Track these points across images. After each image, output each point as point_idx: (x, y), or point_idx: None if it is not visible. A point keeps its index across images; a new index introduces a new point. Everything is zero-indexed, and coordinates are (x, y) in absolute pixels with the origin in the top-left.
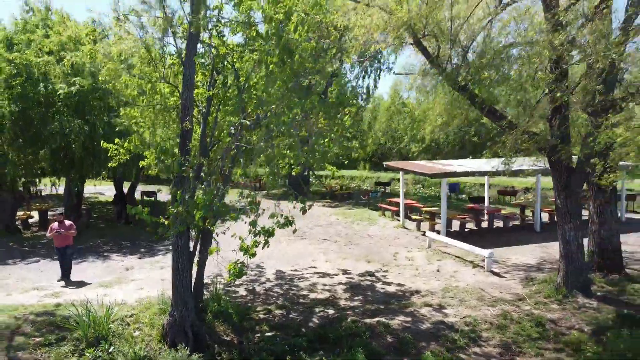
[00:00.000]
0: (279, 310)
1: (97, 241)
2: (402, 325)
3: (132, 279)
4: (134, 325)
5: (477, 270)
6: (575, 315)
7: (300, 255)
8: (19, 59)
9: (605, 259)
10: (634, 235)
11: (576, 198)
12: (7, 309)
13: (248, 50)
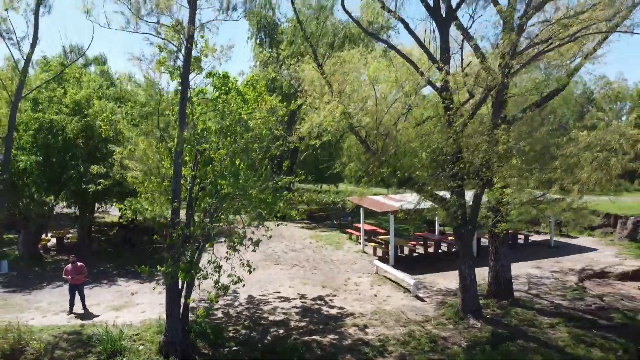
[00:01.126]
0: (244, 330)
1: (107, 266)
2: (330, 342)
3: (137, 302)
4: (139, 342)
5: (406, 295)
6: (461, 334)
7: (270, 281)
8: (42, 118)
9: (498, 288)
10: (552, 260)
11: (469, 245)
12: (47, 329)
13: (221, 146)
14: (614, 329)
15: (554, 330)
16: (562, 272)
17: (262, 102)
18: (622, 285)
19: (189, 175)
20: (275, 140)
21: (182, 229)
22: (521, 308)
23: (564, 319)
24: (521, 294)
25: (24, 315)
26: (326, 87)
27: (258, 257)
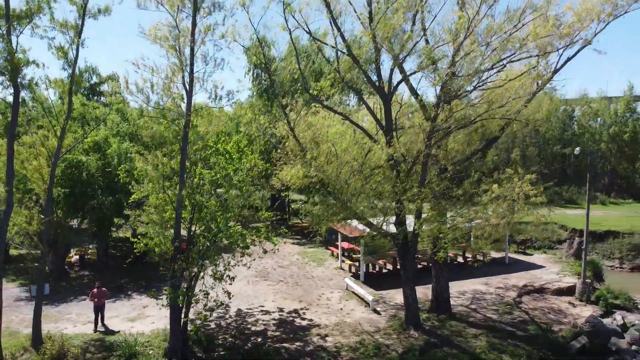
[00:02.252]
0: (231, 338)
1: (122, 281)
2: (296, 348)
3: (147, 315)
4: (149, 347)
5: (366, 308)
6: (401, 342)
7: (256, 296)
8: (70, 158)
9: (438, 305)
10: (500, 277)
11: (411, 271)
12: (78, 337)
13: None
14: (526, 338)
15: (476, 339)
16: (505, 288)
17: (245, 159)
18: (555, 299)
19: (187, 217)
20: (257, 190)
21: (181, 264)
22: (456, 321)
23: (488, 330)
24: (462, 309)
25: (58, 325)
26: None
27: (250, 273)
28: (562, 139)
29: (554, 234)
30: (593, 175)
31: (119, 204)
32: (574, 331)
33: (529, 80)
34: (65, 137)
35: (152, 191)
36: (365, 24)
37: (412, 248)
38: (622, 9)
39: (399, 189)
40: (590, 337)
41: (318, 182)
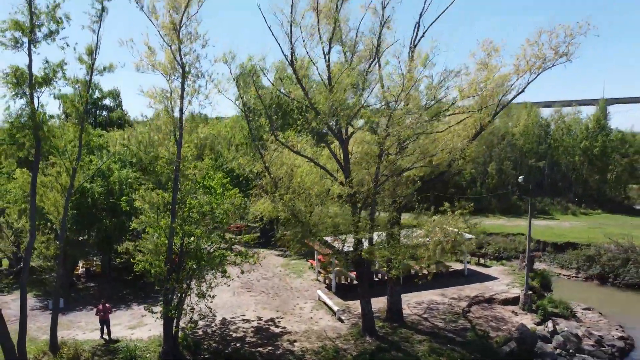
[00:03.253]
0: (214, 344)
1: (124, 292)
2: (268, 352)
3: (145, 323)
4: (146, 351)
5: (333, 317)
6: (357, 347)
7: (240, 306)
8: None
9: (392, 315)
10: (456, 288)
11: (367, 286)
12: (87, 343)
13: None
14: (463, 343)
15: (420, 344)
16: (458, 299)
17: (227, 193)
18: (501, 309)
19: (178, 242)
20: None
21: (172, 283)
22: (407, 329)
23: (432, 336)
24: (415, 317)
25: (70, 332)
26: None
27: (237, 284)
28: (537, 152)
29: (520, 244)
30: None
31: (121, 226)
32: (506, 337)
33: (471, 121)
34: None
35: (148, 223)
36: (325, 89)
37: (366, 268)
38: (550, 62)
39: (354, 220)
40: (519, 342)
41: (289, 213)
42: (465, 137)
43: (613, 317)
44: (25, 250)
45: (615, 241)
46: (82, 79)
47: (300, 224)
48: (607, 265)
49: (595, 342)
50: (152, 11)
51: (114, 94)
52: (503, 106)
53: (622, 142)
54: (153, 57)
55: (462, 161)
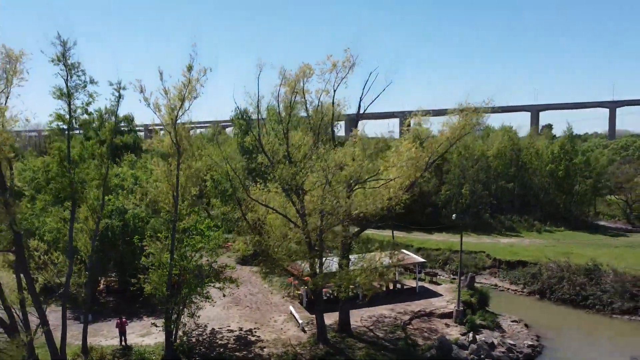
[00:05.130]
0: (204, 349)
1: (136, 306)
2: (244, 356)
3: (153, 332)
4: (152, 355)
5: (298, 328)
6: (310, 352)
7: (227, 318)
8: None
9: (342, 327)
10: (404, 304)
11: (321, 303)
12: (109, 347)
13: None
14: (394, 350)
15: (360, 351)
16: (404, 313)
17: (214, 234)
18: (437, 321)
19: (177, 272)
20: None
21: (171, 304)
22: (353, 338)
23: (372, 345)
24: (362, 329)
25: (95, 339)
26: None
27: (227, 300)
28: (508, 174)
29: (480, 261)
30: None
31: (134, 254)
32: (429, 345)
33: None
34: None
35: (154, 262)
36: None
37: (320, 289)
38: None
39: (309, 255)
40: (438, 350)
41: (260, 249)
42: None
43: (536, 328)
44: (66, 278)
45: (554, 261)
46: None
47: (267, 256)
48: (546, 282)
49: (506, 349)
50: (156, 107)
51: (128, 119)
52: (434, 160)
53: (585, 165)
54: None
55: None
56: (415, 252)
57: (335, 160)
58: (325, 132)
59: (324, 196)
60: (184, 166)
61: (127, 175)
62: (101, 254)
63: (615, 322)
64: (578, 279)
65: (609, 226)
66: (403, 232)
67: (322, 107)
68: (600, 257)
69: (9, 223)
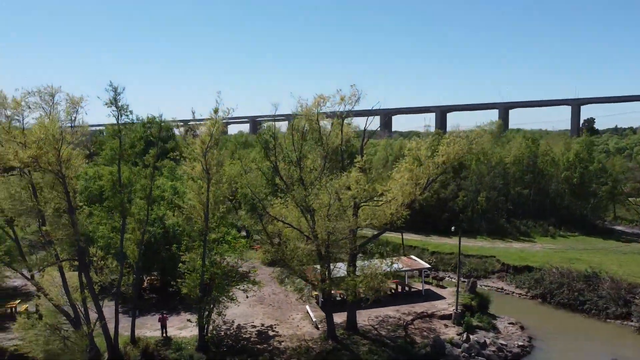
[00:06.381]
0: (230, 341)
1: (175, 302)
2: (263, 348)
3: (188, 326)
4: (188, 345)
5: (312, 326)
6: (320, 347)
7: (251, 315)
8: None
9: (349, 325)
10: (409, 305)
11: (330, 305)
12: (153, 338)
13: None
14: (393, 347)
15: (364, 347)
16: (408, 314)
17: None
18: (437, 322)
19: (208, 277)
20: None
21: (203, 303)
22: (359, 336)
23: (374, 342)
24: (368, 327)
25: (141, 330)
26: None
27: (252, 299)
28: (524, 180)
29: (490, 265)
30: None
31: (173, 257)
32: (425, 343)
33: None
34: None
35: (189, 268)
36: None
37: (329, 292)
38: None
39: (319, 263)
40: (432, 348)
41: (277, 257)
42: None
43: (532, 330)
44: (117, 279)
45: (556, 267)
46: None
47: (284, 263)
48: (548, 287)
49: (497, 348)
50: (190, 141)
51: (168, 127)
52: (434, 179)
53: (601, 171)
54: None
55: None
56: (429, 256)
57: (339, 185)
58: (336, 154)
59: (329, 215)
60: (212, 189)
61: (167, 186)
62: (145, 258)
63: (608, 326)
64: (577, 284)
65: (625, 231)
66: (421, 235)
67: (331, 135)
68: (606, 264)
69: (76, 239)
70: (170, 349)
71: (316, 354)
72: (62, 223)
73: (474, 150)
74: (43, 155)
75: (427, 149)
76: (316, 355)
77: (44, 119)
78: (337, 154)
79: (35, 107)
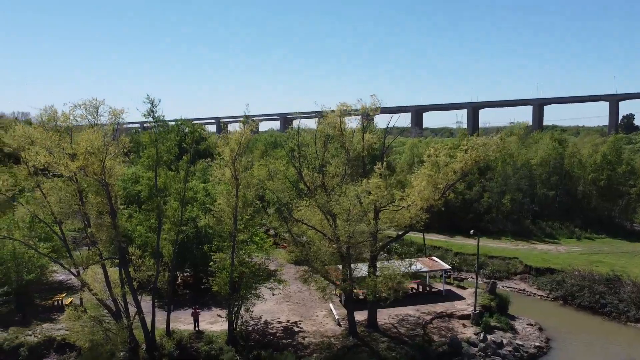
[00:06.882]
0: (257, 336)
1: (206, 298)
2: (288, 343)
3: (219, 320)
4: (218, 338)
5: (335, 323)
6: (342, 343)
7: (278, 312)
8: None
9: (371, 324)
10: (429, 305)
11: (351, 304)
12: (186, 331)
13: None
14: (411, 345)
15: (383, 344)
16: (427, 313)
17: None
18: (455, 322)
19: (237, 276)
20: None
21: (233, 300)
22: (379, 333)
23: (393, 339)
24: (388, 325)
25: (175, 324)
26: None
27: (279, 296)
28: (550, 182)
29: (513, 267)
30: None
31: (205, 256)
32: (442, 342)
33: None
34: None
35: (219, 267)
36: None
37: (350, 292)
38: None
39: (341, 264)
40: (449, 346)
41: (301, 258)
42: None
43: (550, 331)
44: (154, 277)
45: (578, 269)
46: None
47: (307, 263)
48: (569, 289)
49: (513, 348)
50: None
51: (202, 128)
52: (452, 184)
53: (629, 173)
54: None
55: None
56: (453, 256)
57: (359, 191)
58: (358, 160)
59: (349, 220)
60: (240, 193)
61: (199, 188)
62: (179, 256)
63: (628, 330)
64: (598, 287)
65: None
66: (445, 235)
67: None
68: (630, 267)
69: (117, 239)
70: (202, 342)
71: (337, 350)
72: (104, 225)
73: (491, 157)
74: (89, 165)
75: (446, 155)
76: (337, 351)
77: (90, 131)
78: (358, 160)
79: (82, 119)
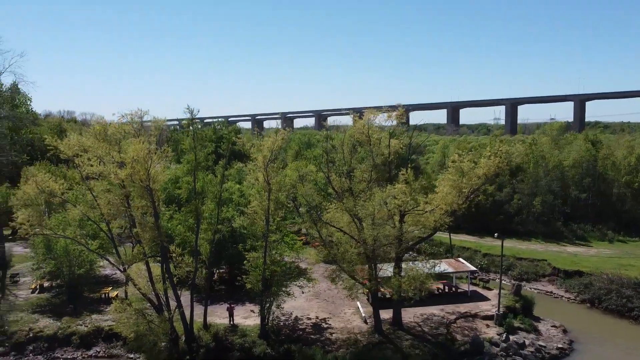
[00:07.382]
0: (288, 330)
1: (241, 294)
2: (316, 338)
3: (252, 316)
4: (252, 332)
5: (362, 321)
6: (368, 339)
7: (307, 308)
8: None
9: (395, 322)
10: (453, 305)
11: (377, 303)
12: (222, 324)
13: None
14: (434, 343)
15: (407, 341)
16: (452, 313)
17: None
18: (479, 322)
19: (269, 274)
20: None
21: (264, 297)
22: (403, 331)
23: (417, 337)
24: (412, 324)
25: (212, 318)
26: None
27: (309, 293)
28: (582, 184)
29: (541, 269)
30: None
31: (240, 254)
32: (464, 341)
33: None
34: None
35: (252, 265)
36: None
37: (376, 291)
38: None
39: (368, 264)
40: (471, 345)
41: (329, 258)
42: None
43: (575, 333)
44: (193, 273)
45: (606, 273)
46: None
47: (335, 263)
48: (597, 292)
49: (535, 349)
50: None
51: (235, 130)
52: (477, 188)
53: None
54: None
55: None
56: (481, 257)
57: (384, 196)
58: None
59: (374, 223)
60: (272, 197)
61: (234, 189)
62: (216, 254)
63: None
64: (626, 291)
65: None
66: (475, 236)
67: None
68: None
69: (160, 239)
70: (236, 335)
71: (363, 346)
72: (148, 226)
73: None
74: (136, 173)
75: (470, 161)
76: (363, 347)
77: (136, 141)
78: (385, 165)
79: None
